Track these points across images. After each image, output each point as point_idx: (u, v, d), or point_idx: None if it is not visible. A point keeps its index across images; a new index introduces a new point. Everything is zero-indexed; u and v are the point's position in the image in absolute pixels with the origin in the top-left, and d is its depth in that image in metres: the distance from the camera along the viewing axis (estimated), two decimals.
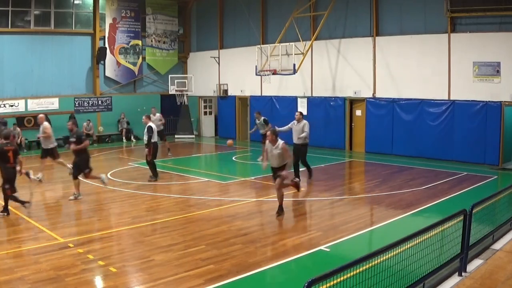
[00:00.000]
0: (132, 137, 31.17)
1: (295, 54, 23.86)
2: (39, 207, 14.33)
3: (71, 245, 10.64)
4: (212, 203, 14.77)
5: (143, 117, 19.03)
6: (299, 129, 17.03)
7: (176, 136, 32.48)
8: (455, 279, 7.71)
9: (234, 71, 31.50)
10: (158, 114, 25.27)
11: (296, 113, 17.56)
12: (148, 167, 18.46)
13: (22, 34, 27.82)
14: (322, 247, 10.42)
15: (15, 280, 8.67)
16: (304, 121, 17.11)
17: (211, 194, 16.06)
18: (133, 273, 9.20)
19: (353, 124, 25.85)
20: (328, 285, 5.29)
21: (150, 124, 18.22)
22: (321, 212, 13.82)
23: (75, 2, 29.84)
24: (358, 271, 5.99)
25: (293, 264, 9.62)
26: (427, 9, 22.53)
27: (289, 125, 17.50)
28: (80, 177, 15.38)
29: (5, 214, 12.99)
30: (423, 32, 22.68)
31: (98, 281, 8.92)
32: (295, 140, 17.21)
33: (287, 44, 24.37)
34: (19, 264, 9.46)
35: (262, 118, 23.31)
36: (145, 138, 18.06)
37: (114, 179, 18.54)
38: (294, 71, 23.92)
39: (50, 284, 8.53)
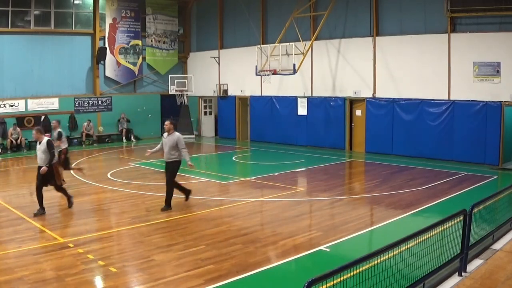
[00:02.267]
0: (132, 137, 31.17)
1: (295, 54, 23.85)
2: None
3: (71, 245, 10.64)
4: (212, 203, 14.78)
5: (36, 132, 14.05)
6: (171, 143, 13.81)
7: None
8: (455, 279, 7.70)
9: (234, 71, 31.50)
10: None
11: (166, 123, 14.26)
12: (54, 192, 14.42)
13: (22, 34, 27.84)
14: (322, 247, 10.42)
15: (15, 280, 8.67)
16: (177, 134, 13.99)
17: (211, 194, 16.05)
18: (133, 273, 9.20)
19: (353, 124, 25.84)
20: (328, 285, 5.29)
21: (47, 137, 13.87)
22: (321, 212, 13.82)
23: (75, 2, 29.86)
24: (358, 271, 5.99)
25: (293, 264, 9.62)
26: (427, 9, 22.52)
27: (161, 140, 14.44)
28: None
29: None
30: (423, 32, 22.67)
31: (98, 281, 8.92)
32: (165, 156, 14.07)
33: (287, 44, 24.37)
34: (19, 264, 9.46)
35: (58, 130, 17.30)
36: (46, 157, 13.54)
37: (114, 179, 18.54)
38: (294, 71, 23.91)
39: (50, 284, 8.53)
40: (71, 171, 18.82)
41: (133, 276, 9.05)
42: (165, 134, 14.12)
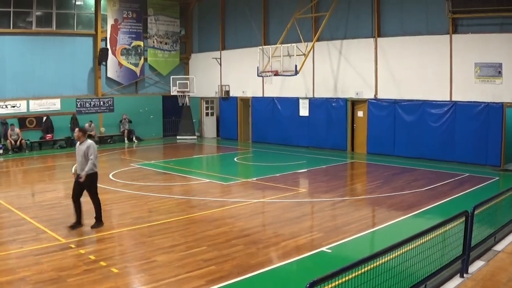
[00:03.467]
0: (134, 138, 31.18)
1: (296, 55, 23.85)
2: (41, 207, 14.33)
3: (72, 245, 10.66)
4: (214, 204, 14.78)
5: None
6: (82, 153, 12.11)
7: (177, 137, 32.52)
8: (456, 280, 7.70)
9: (236, 72, 31.51)
10: None
11: (75, 130, 12.66)
12: None
13: (24, 35, 27.87)
14: (323, 248, 10.42)
15: (17, 281, 8.69)
16: (89, 142, 12.23)
17: (213, 195, 16.06)
18: (134, 274, 9.21)
19: (354, 125, 25.84)
20: (329, 286, 5.29)
21: None
22: (322, 213, 13.83)
23: (77, 3, 29.90)
24: (359, 272, 5.99)
25: (294, 266, 9.62)
26: (428, 10, 22.52)
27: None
28: None
29: None
30: (424, 33, 22.66)
31: (100, 282, 8.91)
32: (78, 167, 12.27)
33: (289, 45, 24.37)
34: (21, 265, 9.47)
35: None
36: None
37: (116, 180, 18.55)
38: (296, 72, 23.92)
39: (52, 285, 8.54)
40: None
41: (134, 277, 9.06)
42: (77, 144, 12.41)
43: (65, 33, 29.35)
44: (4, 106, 27.09)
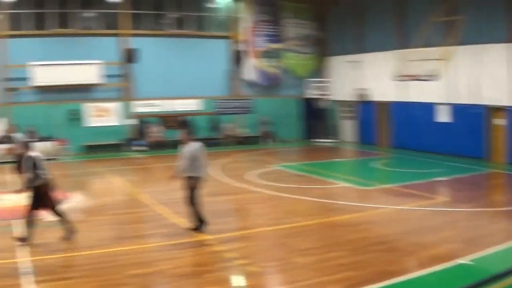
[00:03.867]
0: (272, 140, 31.63)
1: (435, 59, 23.09)
2: (181, 204, 14.91)
3: (210, 242, 11.15)
4: (352, 208, 14.73)
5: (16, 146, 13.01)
6: (188, 155, 11.83)
7: (315, 140, 32.62)
8: None
9: (374, 75, 30.99)
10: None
11: (181, 132, 12.53)
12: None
13: (163, 37, 29.94)
14: (463, 260, 10.07)
15: (155, 273, 9.32)
16: (198, 144, 11.94)
17: (351, 200, 16.02)
18: (272, 273, 9.46)
19: (493, 133, 24.62)
20: None
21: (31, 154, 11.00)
22: (462, 224, 13.32)
23: (215, 6, 31.36)
24: (500, 286, 5.83)
25: (433, 276, 9.31)
26: None
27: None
28: None
29: None
30: None
31: (237, 280, 9.23)
32: (182, 171, 12.11)
33: (427, 49, 23.67)
34: (159, 258, 10.11)
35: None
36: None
37: (255, 180, 19.02)
38: (435, 77, 23.23)
39: (188, 279, 9.02)
40: None
41: (272, 277, 9.32)
42: (184, 145, 12.13)
43: (204, 35, 30.87)
44: (145, 105, 28.81)
